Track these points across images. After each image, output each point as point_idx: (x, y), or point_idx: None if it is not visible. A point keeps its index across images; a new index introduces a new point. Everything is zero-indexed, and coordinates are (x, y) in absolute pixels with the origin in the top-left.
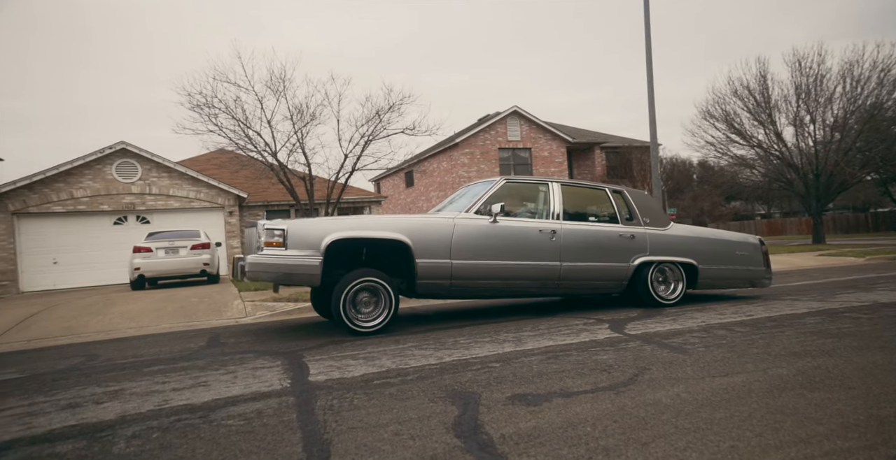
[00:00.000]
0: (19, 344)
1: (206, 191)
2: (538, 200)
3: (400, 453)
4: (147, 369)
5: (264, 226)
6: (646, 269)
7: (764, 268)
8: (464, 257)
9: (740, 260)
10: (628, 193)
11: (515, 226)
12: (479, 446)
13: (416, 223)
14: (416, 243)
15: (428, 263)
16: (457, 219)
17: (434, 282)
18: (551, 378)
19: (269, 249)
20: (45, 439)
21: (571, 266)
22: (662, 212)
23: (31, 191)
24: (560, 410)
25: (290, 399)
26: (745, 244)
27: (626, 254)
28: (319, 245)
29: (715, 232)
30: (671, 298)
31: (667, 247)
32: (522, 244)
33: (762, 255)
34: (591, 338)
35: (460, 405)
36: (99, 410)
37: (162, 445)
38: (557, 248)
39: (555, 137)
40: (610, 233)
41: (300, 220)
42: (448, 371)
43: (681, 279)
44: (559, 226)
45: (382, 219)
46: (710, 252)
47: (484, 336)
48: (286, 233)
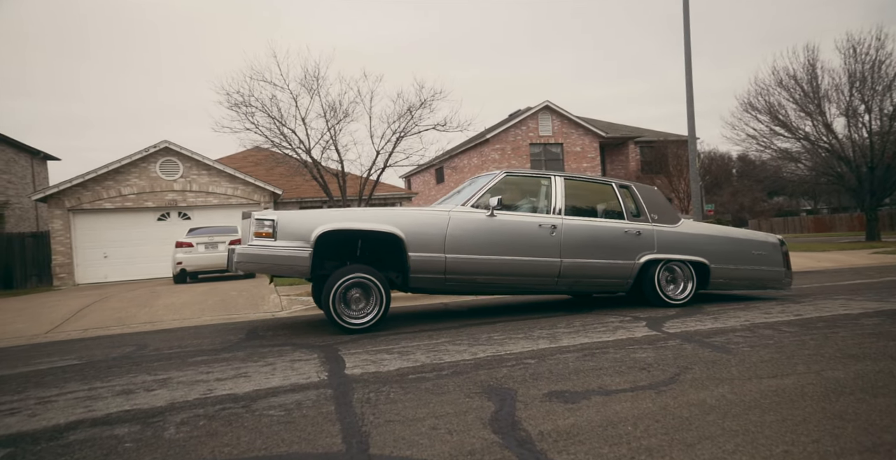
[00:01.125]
0: (77, 332)
1: (242, 187)
2: (540, 194)
3: (438, 447)
4: (191, 359)
5: (255, 216)
6: (653, 268)
7: (784, 268)
8: (459, 252)
9: (757, 260)
10: (636, 188)
11: (513, 221)
12: (518, 442)
13: (409, 216)
14: (410, 236)
15: (421, 257)
16: (452, 213)
17: (428, 276)
18: (588, 375)
19: (259, 240)
20: (104, 422)
21: (572, 262)
22: (672, 208)
23: (85, 189)
24: (599, 408)
25: (328, 391)
26: (762, 243)
27: (631, 251)
28: (309, 236)
29: (729, 230)
30: (679, 298)
31: (676, 244)
32: (520, 239)
33: (782, 256)
34: (628, 336)
35: (496, 401)
36: (150, 397)
37: (209, 432)
38: (558, 244)
39: (587, 132)
40: (615, 229)
41: (291, 212)
42: (483, 366)
43: (691, 278)
44: (560, 220)
45: (375, 211)
46: (724, 251)
47: (517, 332)
48: (276, 223)
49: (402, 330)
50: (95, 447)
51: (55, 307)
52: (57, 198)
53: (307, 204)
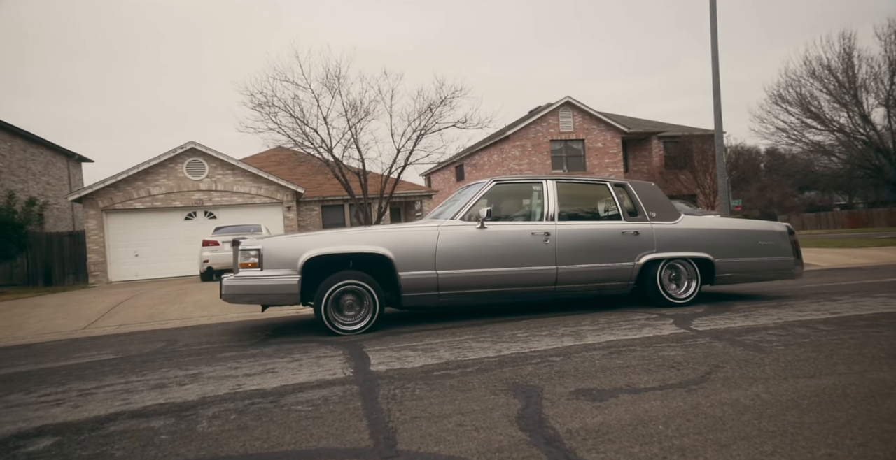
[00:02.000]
0: (111, 328)
1: (266, 187)
2: (532, 200)
3: (465, 444)
4: (220, 355)
5: (240, 246)
6: (654, 267)
7: (793, 258)
8: (450, 267)
9: (764, 250)
10: (632, 186)
11: (504, 231)
12: (546, 440)
13: (397, 234)
14: (399, 255)
15: (412, 275)
16: (441, 228)
17: (420, 294)
18: (616, 373)
19: (245, 271)
20: (140, 414)
21: (569, 269)
22: (670, 204)
23: (116, 190)
24: (628, 406)
25: (354, 387)
26: (769, 233)
27: (630, 252)
28: (296, 263)
29: (733, 221)
30: (683, 297)
31: (677, 241)
32: (513, 249)
33: (790, 244)
34: (655, 334)
35: (522, 398)
36: (182, 391)
37: (239, 426)
38: (552, 251)
39: (609, 128)
40: (611, 230)
41: (277, 239)
42: (507, 364)
43: (695, 276)
44: (553, 227)
45: (363, 232)
46: (728, 244)
47: (542, 330)
48: (261, 253)
49: (426, 327)
50: (134, 438)
51: (91, 304)
52: (91, 198)
53: (329, 202)
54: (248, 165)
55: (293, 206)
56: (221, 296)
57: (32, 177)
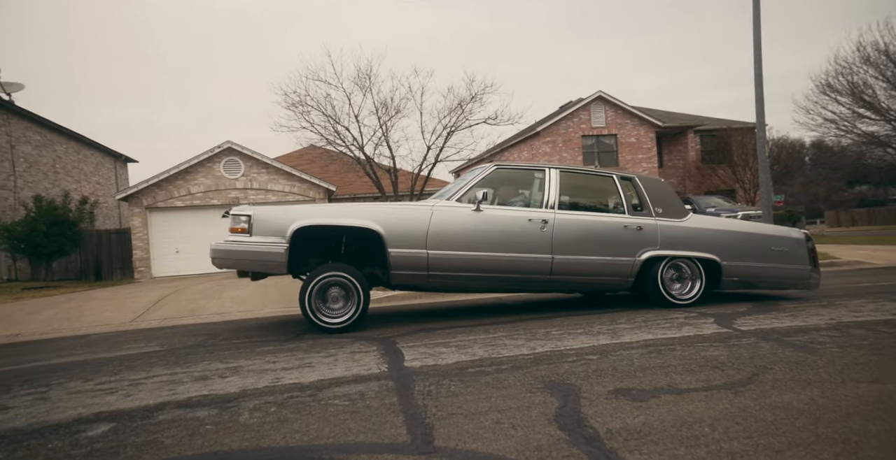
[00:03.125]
0: (156, 321)
1: (299, 184)
2: (533, 188)
3: (503, 442)
4: (258, 349)
5: (232, 211)
6: (656, 265)
7: (809, 266)
8: (441, 247)
9: (777, 257)
10: (640, 180)
11: (501, 215)
12: (586, 440)
13: (390, 211)
14: (389, 232)
15: (401, 253)
16: (435, 207)
17: (409, 273)
18: (656, 373)
19: (234, 236)
20: (186, 405)
21: (565, 259)
22: (678, 201)
23: (159, 188)
24: (670, 407)
25: (389, 383)
26: (783, 239)
27: (631, 247)
28: (286, 232)
29: (745, 224)
30: (685, 298)
31: (682, 240)
32: (508, 234)
33: (807, 252)
34: (695, 333)
35: (560, 396)
36: (224, 383)
37: (279, 419)
38: (549, 240)
39: (643, 122)
40: (612, 223)
41: (270, 207)
42: (542, 361)
43: (699, 277)
44: (552, 215)
45: (356, 206)
46: (738, 247)
47: (576, 327)
48: (252, 219)
49: (458, 324)
50: (181, 427)
51: (137, 298)
52: (136, 197)
53: (360, 199)
54: (281, 164)
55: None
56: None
57: (84, 177)
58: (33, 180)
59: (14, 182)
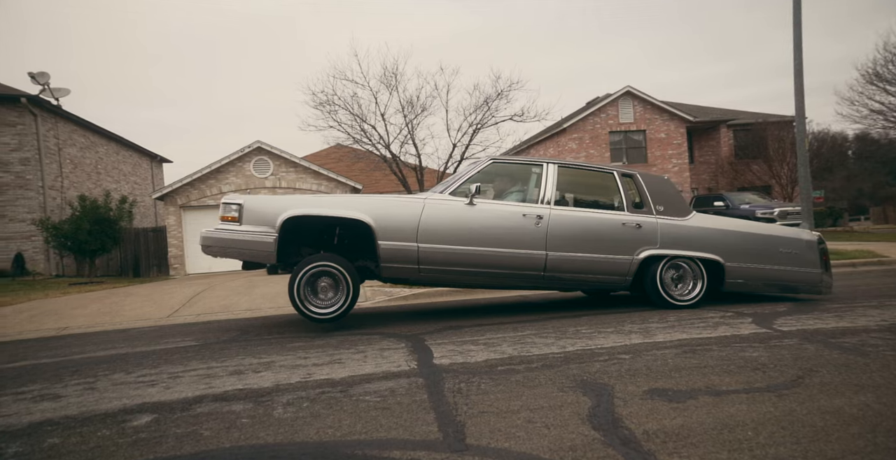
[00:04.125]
0: (191, 317)
1: (326, 183)
2: (530, 183)
3: (536, 441)
4: (289, 345)
5: (223, 200)
6: (655, 264)
7: (820, 270)
8: (432, 241)
9: (786, 259)
10: (641, 177)
11: (494, 210)
12: (622, 441)
13: (382, 203)
14: (380, 224)
15: (392, 246)
16: (428, 200)
17: (400, 266)
18: (692, 373)
19: (224, 224)
20: (222, 398)
21: (559, 256)
22: (682, 199)
23: (192, 188)
24: (709, 409)
25: (419, 380)
26: (792, 240)
27: (629, 245)
28: (275, 222)
29: (752, 224)
30: (685, 299)
31: (683, 239)
32: (501, 229)
33: (818, 255)
34: (732, 333)
35: (592, 396)
36: (257, 378)
37: (312, 414)
38: (543, 236)
39: (673, 117)
40: (610, 221)
41: (260, 196)
42: (573, 360)
43: (700, 278)
44: (547, 210)
45: (347, 198)
46: (742, 248)
47: (606, 326)
48: (242, 207)
49: (485, 322)
50: (218, 420)
51: (173, 294)
52: (171, 196)
53: None
54: (309, 163)
55: None
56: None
57: (123, 177)
58: (78, 181)
59: (61, 182)
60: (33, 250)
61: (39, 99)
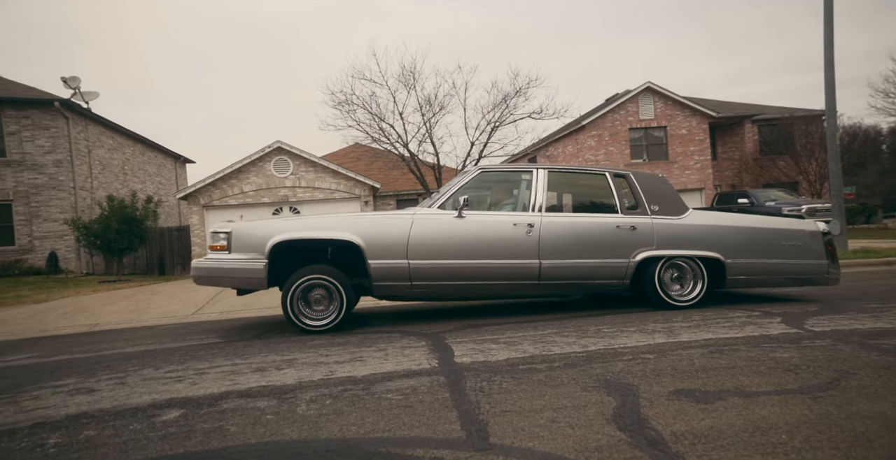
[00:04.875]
0: (215, 315)
1: (344, 182)
2: (520, 190)
3: (560, 441)
4: (311, 342)
5: (210, 229)
6: (652, 265)
7: (826, 261)
8: (422, 257)
9: (789, 252)
10: (635, 177)
11: (483, 221)
12: (649, 442)
13: (369, 222)
14: (369, 243)
15: (382, 264)
16: (416, 216)
17: (392, 284)
18: (720, 374)
19: (214, 253)
20: (247, 395)
21: (553, 264)
22: (678, 198)
23: (214, 188)
24: (739, 411)
25: (441, 378)
26: (795, 232)
27: (625, 248)
28: (264, 248)
29: (751, 218)
30: (686, 300)
31: (680, 238)
32: (492, 241)
33: (823, 246)
34: (761, 333)
35: (617, 396)
36: (280, 375)
37: (335, 411)
38: (535, 244)
39: (694, 113)
40: (603, 224)
41: (247, 223)
42: (596, 360)
43: (700, 277)
44: (538, 218)
45: (335, 218)
46: (743, 243)
47: (628, 325)
48: (230, 236)
49: (505, 320)
50: (244, 416)
51: (197, 292)
52: (194, 196)
53: (404, 196)
54: (328, 162)
55: (370, 201)
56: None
57: (149, 177)
58: (106, 181)
59: (91, 183)
60: (66, 249)
61: (71, 102)
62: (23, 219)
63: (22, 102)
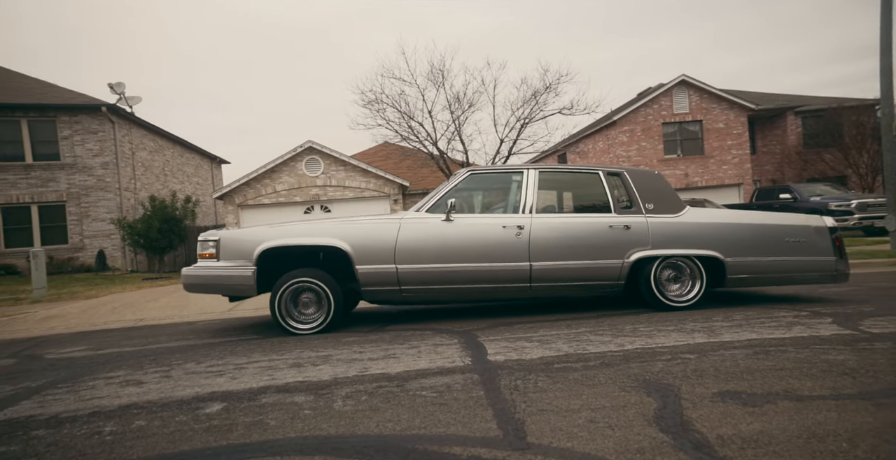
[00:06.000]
0: (250, 311)
1: (374, 181)
2: (511, 192)
3: (600, 442)
4: (344, 339)
5: (200, 237)
6: (648, 265)
7: (834, 257)
8: (411, 262)
9: (793, 249)
10: (629, 175)
11: (473, 224)
12: (693, 445)
13: (358, 227)
14: (357, 249)
15: (370, 270)
16: (403, 220)
17: (381, 288)
18: (767, 376)
19: (203, 261)
20: (284, 390)
21: (544, 266)
22: (674, 195)
23: (248, 187)
24: (791, 415)
25: (474, 376)
26: (800, 228)
27: (618, 248)
28: (252, 255)
29: (752, 215)
30: (683, 300)
31: (677, 237)
32: (481, 244)
33: (830, 242)
34: (810, 334)
35: (657, 397)
36: (316, 371)
37: (371, 408)
38: (525, 246)
39: (732, 106)
40: (595, 224)
41: (236, 231)
42: (633, 359)
43: (699, 276)
44: (528, 220)
45: (323, 224)
46: (742, 241)
47: (666, 324)
48: (219, 244)
49: (537, 319)
50: (282, 410)
51: None
52: (229, 195)
53: None
54: (358, 161)
55: (399, 199)
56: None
57: (187, 178)
58: (148, 182)
59: (134, 184)
60: (112, 247)
61: (117, 107)
62: (75, 219)
63: (73, 108)
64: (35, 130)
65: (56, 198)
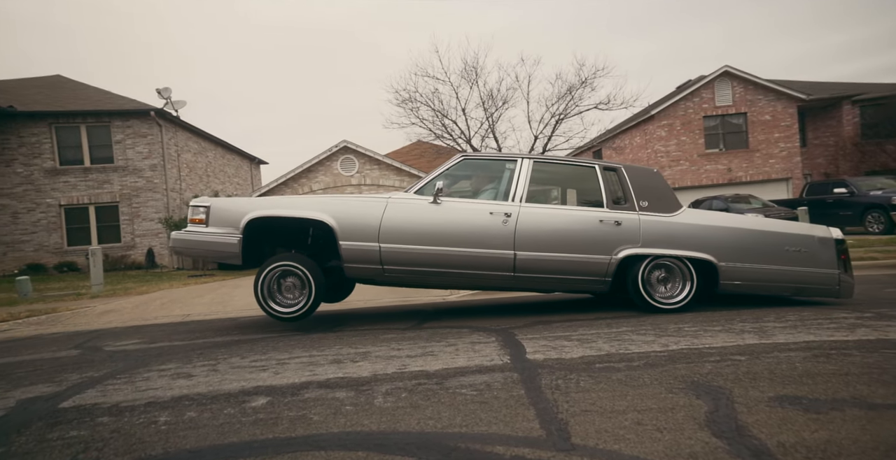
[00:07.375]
0: None
1: (408, 179)
2: (502, 180)
3: (648, 445)
4: (383, 336)
5: (191, 203)
6: (636, 264)
7: (837, 270)
8: (394, 241)
9: (793, 258)
10: (626, 171)
11: (459, 208)
12: (751, 452)
13: (344, 203)
14: (342, 224)
15: (352, 246)
16: (391, 200)
17: (363, 266)
18: (830, 381)
19: (193, 226)
20: (325, 385)
21: (529, 256)
22: (671, 194)
23: (286, 187)
24: (863, 424)
25: (514, 375)
26: (802, 238)
27: (607, 244)
28: (239, 223)
29: (752, 221)
30: (671, 303)
31: (669, 237)
32: (465, 228)
33: (835, 254)
34: (878, 337)
35: (708, 400)
36: (356, 367)
37: (411, 404)
38: (510, 235)
39: (780, 96)
40: (585, 218)
41: (226, 199)
42: (679, 360)
43: (690, 279)
44: (516, 208)
45: (310, 198)
46: (739, 246)
47: (713, 324)
48: (209, 210)
49: (576, 317)
50: (324, 406)
51: None
52: (268, 195)
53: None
54: (391, 160)
55: None
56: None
57: (227, 179)
58: (192, 183)
59: (180, 185)
60: (160, 246)
61: (164, 111)
62: (126, 219)
63: (125, 114)
64: (92, 135)
65: (110, 199)
